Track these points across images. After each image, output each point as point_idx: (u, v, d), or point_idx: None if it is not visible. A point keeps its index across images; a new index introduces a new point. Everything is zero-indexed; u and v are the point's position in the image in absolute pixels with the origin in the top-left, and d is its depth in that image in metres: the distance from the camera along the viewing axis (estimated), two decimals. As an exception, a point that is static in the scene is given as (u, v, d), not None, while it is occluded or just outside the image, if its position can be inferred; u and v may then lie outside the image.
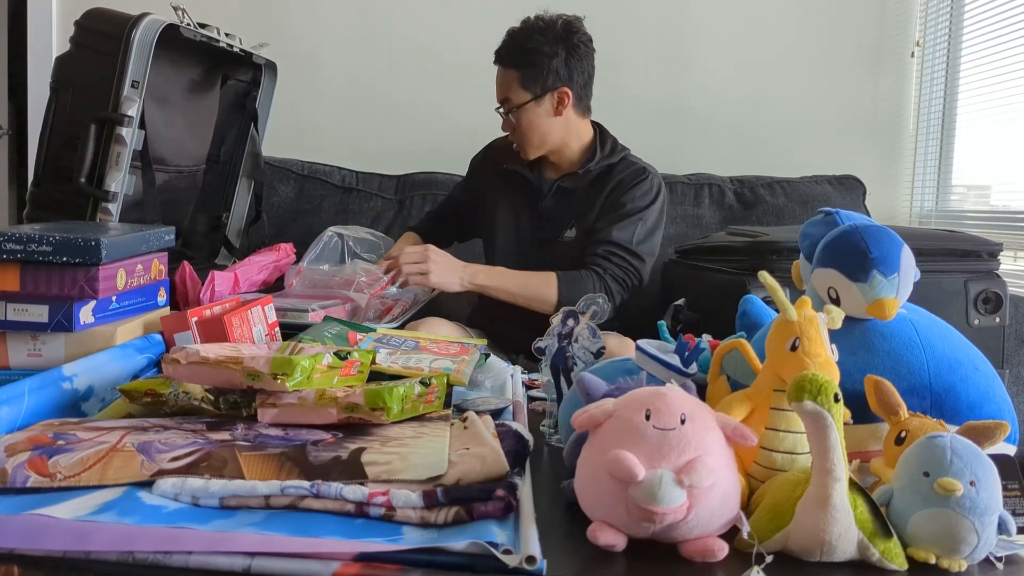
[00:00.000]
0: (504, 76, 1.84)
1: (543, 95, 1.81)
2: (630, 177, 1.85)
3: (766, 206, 2.38)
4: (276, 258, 1.86)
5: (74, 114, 1.54)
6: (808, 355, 0.75)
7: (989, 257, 1.72)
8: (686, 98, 2.60)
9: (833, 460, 0.66)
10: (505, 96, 1.83)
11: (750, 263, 1.68)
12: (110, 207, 1.52)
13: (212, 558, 0.64)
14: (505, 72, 1.83)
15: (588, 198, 1.86)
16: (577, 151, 1.89)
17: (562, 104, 1.83)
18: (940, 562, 0.68)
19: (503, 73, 1.84)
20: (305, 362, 0.92)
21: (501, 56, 1.84)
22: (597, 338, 1.02)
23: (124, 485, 0.76)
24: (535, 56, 1.80)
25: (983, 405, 0.84)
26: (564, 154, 1.89)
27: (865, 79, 2.62)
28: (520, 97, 1.81)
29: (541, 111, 1.82)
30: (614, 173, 1.86)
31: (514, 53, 1.82)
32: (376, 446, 0.83)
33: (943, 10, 2.53)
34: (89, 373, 1.03)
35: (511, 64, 1.82)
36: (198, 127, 1.96)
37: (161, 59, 1.63)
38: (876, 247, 0.87)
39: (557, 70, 1.81)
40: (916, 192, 2.63)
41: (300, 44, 2.56)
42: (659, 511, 0.65)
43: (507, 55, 1.83)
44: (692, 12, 2.59)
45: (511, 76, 1.82)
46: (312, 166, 2.43)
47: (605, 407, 0.73)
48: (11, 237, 1.05)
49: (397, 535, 0.68)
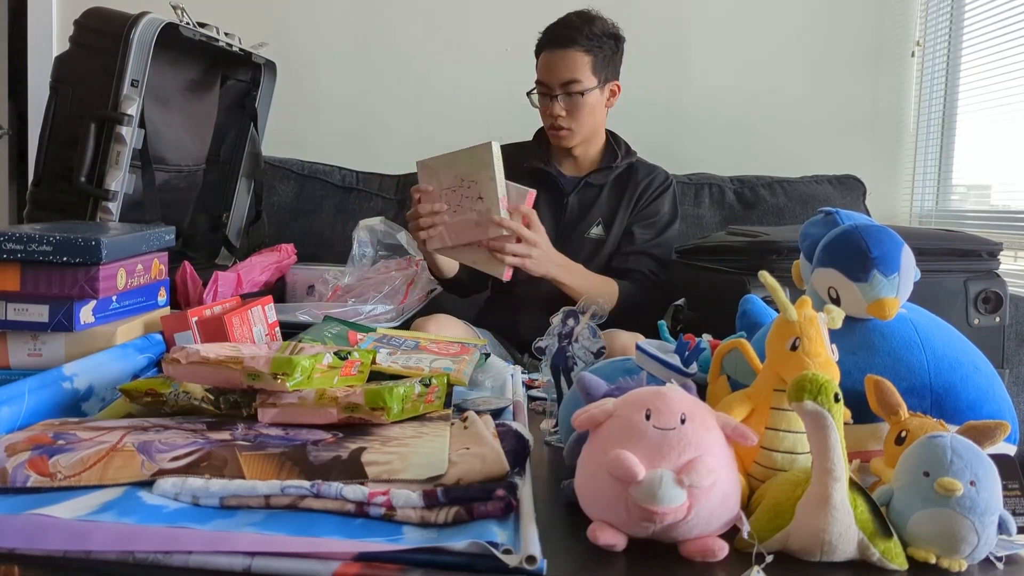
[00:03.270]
0: (574, 58, 1.80)
1: (604, 85, 1.84)
2: (657, 182, 1.92)
3: (766, 206, 2.38)
4: (278, 258, 1.86)
5: (74, 113, 1.54)
6: (808, 355, 0.75)
7: (989, 257, 1.72)
8: (686, 98, 2.60)
9: (833, 460, 0.66)
10: (572, 77, 1.80)
11: (750, 263, 1.68)
12: (110, 206, 1.53)
13: (212, 558, 0.64)
14: (575, 54, 1.80)
15: (613, 196, 1.90)
16: (599, 148, 1.94)
17: (613, 96, 1.88)
18: (940, 562, 0.68)
19: (571, 55, 1.80)
20: (305, 362, 0.92)
21: (570, 38, 1.81)
22: (597, 338, 1.02)
23: (124, 485, 0.76)
24: (604, 46, 1.81)
25: (983, 405, 0.84)
26: (589, 150, 1.92)
27: (865, 79, 2.61)
28: (590, 81, 1.80)
29: (600, 99, 1.85)
30: (638, 176, 1.92)
31: (587, 38, 1.80)
32: (376, 446, 0.83)
33: (943, 10, 2.52)
34: (89, 373, 1.03)
35: (586, 47, 1.80)
36: (198, 127, 1.96)
37: (160, 58, 1.63)
38: (876, 247, 0.87)
39: (616, 63, 1.86)
40: (916, 192, 2.63)
41: (300, 44, 2.56)
42: (659, 511, 0.65)
43: (579, 38, 1.80)
44: (692, 12, 2.59)
45: (584, 59, 1.80)
46: (312, 166, 2.43)
47: (605, 407, 0.73)
48: (11, 237, 1.05)
49: (397, 535, 0.68)
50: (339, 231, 2.32)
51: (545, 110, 1.85)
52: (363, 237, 1.97)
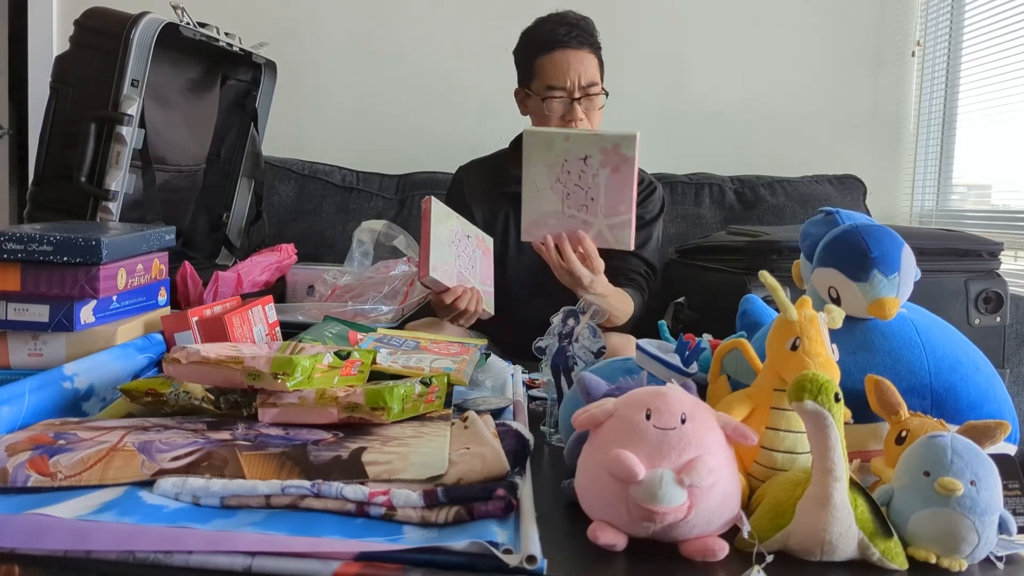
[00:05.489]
0: (591, 61, 1.74)
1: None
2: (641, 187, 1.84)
3: (766, 205, 2.38)
4: (278, 258, 1.86)
5: (74, 113, 1.54)
6: (808, 355, 0.75)
7: (990, 257, 1.72)
8: (686, 98, 2.60)
9: (833, 460, 0.66)
10: (594, 80, 1.73)
11: (751, 262, 1.68)
12: (110, 206, 1.52)
13: (213, 557, 0.64)
14: (591, 57, 1.74)
15: None
16: None
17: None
18: (940, 562, 0.68)
19: (588, 58, 1.74)
20: (306, 362, 0.92)
21: (586, 40, 1.74)
22: (597, 338, 1.02)
23: (125, 485, 0.76)
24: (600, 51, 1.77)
25: (983, 404, 0.84)
26: None
27: (865, 79, 2.62)
28: (600, 83, 1.76)
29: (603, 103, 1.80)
30: None
31: (595, 41, 1.75)
32: (377, 446, 0.83)
33: (943, 10, 2.53)
34: (90, 373, 1.03)
35: (595, 51, 1.75)
36: (198, 126, 1.96)
37: (161, 58, 1.63)
38: (877, 246, 0.87)
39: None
40: (916, 191, 2.63)
41: (300, 44, 2.56)
42: (659, 511, 0.65)
43: (591, 37, 1.75)
44: (692, 12, 2.59)
45: (595, 60, 1.75)
46: (312, 166, 2.43)
47: (605, 407, 0.73)
48: (11, 237, 1.05)
49: (397, 535, 0.68)
50: (339, 231, 2.32)
51: (565, 115, 1.73)
52: (364, 238, 1.97)
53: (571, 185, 1.42)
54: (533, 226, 1.47)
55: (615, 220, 1.43)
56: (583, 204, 1.43)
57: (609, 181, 1.41)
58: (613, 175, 1.40)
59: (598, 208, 1.43)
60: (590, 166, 1.40)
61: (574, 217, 1.45)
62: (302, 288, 1.87)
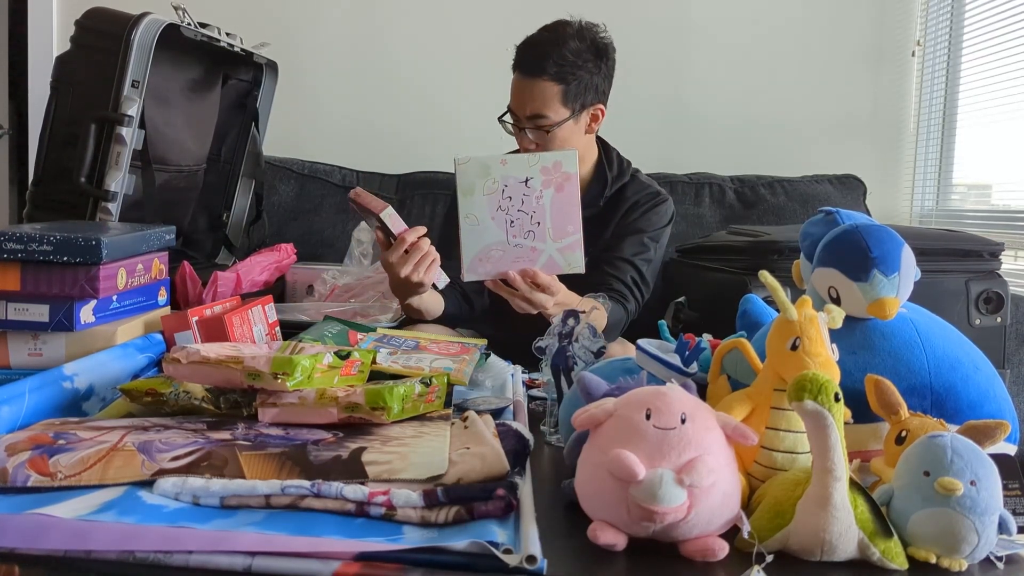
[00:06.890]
0: (541, 90, 1.59)
1: (580, 112, 1.63)
2: (646, 199, 1.75)
3: (767, 205, 2.38)
4: (278, 258, 1.86)
5: (74, 114, 1.54)
6: (808, 354, 0.75)
7: (990, 257, 1.72)
8: (686, 98, 2.60)
9: (833, 459, 0.66)
10: (539, 112, 1.60)
11: (751, 262, 1.68)
12: (110, 207, 1.52)
13: (213, 557, 0.64)
14: (543, 85, 1.59)
15: (601, 223, 1.72)
16: (589, 169, 1.75)
17: (595, 122, 1.68)
18: (940, 561, 0.68)
19: (539, 86, 1.59)
20: (306, 362, 0.92)
21: (538, 66, 1.59)
22: (597, 338, 1.02)
23: (125, 484, 0.76)
24: (579, 71, 1.59)
25: (984, 404, 0.84)
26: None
27: (865, 79, 2.62)
28: (559, 114, 1.60)
29: (576, 129, 1.64)
30: (627, 195, 1.75)
31: (557, 64, 1.58)
32: (376, 445, 0.83)
33: (943, 10, 2.53)
34: (90, 372, 1.03)
35: (553, 77, 1.58)
36: (198, 127, 1.96)
37: (162, 59, 1.63)
38: (877, 246, 0.87)
39: (597, 86, 1.64)
40: (917, 191, 2.63)
41: (301, 44, 2.56)
42: (659, 510, 0.65)
43: (548, 66, 1.58)
44: (692, 12, 2.59)
45: (551, 90, 1.59)
46: (312, 166, 2.43)
47: (605, 406, 0.73)
48: (11, 237, 1.05)
49: (397, 534, 0.68)
50: (339, 231, 2.32)
51: (516, 139, 1.68)
52: (363, 237, 1.98)
53: (514, 212, 1.34)
54: (477, 262, 1.37)
55: (564, 242, 1.36)
56: (529, 230, 1.35)
57: (554, 201, 1.34)
58: (557, 195, 1.34)
59: (545, 232, 1.36)
60: (532, 188, 1.34)
61: (520, 246, 1.36)
62: (302, 288, 1.88)
